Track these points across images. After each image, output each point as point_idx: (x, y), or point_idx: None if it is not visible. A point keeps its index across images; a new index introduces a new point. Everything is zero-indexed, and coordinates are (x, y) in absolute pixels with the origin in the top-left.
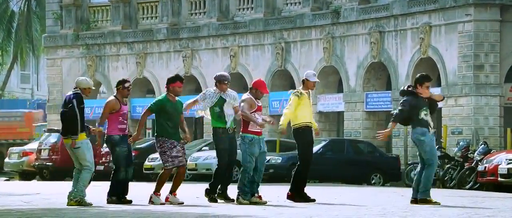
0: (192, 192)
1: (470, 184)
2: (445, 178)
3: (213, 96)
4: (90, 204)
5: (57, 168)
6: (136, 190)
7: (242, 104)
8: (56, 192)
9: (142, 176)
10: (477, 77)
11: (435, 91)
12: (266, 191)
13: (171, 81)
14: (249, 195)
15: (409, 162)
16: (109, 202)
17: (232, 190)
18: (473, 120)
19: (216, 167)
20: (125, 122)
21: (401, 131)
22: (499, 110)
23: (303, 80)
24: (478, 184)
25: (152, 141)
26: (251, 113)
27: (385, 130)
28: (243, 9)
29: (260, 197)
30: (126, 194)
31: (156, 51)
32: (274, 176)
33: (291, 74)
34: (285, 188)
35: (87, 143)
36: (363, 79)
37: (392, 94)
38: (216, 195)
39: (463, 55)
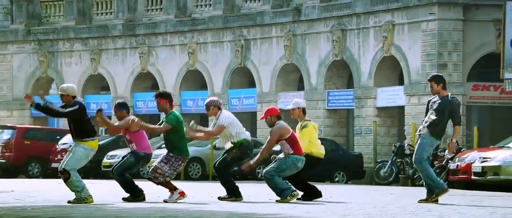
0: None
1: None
2: (415, 177)
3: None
4: (85, 199)
5: (11, 165)
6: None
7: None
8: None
9: (100, 174)
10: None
11: (398, 90)
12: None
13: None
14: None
15: (378, 160)
16: (124, 198)
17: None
18: None
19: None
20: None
21: (364, 129)
22: (462, 109)
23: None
24: (447, 182)
25: (110, 138)
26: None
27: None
28: (202, 6)
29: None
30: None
31: (111, 48)
32: (241, 173)
33: (251, 72)
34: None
35: (92, 150)
36: (325, 77)
37: (354, 92)
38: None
39: (427, 54)
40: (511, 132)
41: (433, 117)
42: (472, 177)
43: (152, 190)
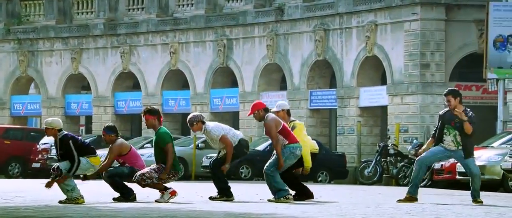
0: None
1: (425, 181)
2: (399, 176)
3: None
4: (76, 198)
5: None
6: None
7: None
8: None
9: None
10: (423, 75)
11: (381, 89)
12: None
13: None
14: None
15: (362, 160)
16: (114, 198)
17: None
18: (419, 118)
19: None
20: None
21: (346, 128)
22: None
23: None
24: (430, 182)
25: (91, 138)
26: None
27: None
28: (183, 5)
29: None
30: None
31: (92, 47)
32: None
33: (233, 71)
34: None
35: (86, 164)
36: (307, 77)
37: (337, 92)
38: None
39: (409, 54)
40: (492, 131)
41: (463, 136)
42: (457, 176)
43: (140, 191)
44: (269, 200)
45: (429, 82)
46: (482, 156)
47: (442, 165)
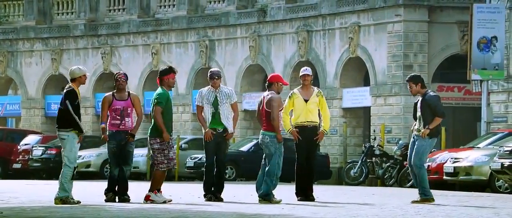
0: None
1: (411, 182)
2: (385, 177)
3: (209, 95)
4: (77, 202)
5: None
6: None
7: (272, 104)
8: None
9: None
10: (406, 77)
11: (364, 90)
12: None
13: (166, 73)
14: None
15: (348, 161)
16: (106, 199)
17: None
18: (402, 119)
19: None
20: (118, 117)
21: (329, 129)
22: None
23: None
24: (412, 182)
25: None
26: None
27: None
28: (165, 6)
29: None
30: (123, 192)
31: (72, 48)
32: (200, 173)
33: None
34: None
35: (74, 137)
36: (290, 78)
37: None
38: (210, 195)
39: (393, 55)
40: (473, 132)
41: (422, 120)
42: (444, 177)
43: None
44: (261, 200)
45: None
46: (469, 156)
47: (428, 165)
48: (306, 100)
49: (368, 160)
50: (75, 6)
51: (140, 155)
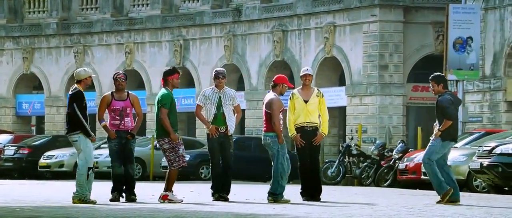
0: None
1: (388, 181)
2: (362, 176)
3: (213, 96)
4: (93, 202)
5: None
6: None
7: (273, 107)
8: None
9: (37, 175)
10: (382, 77)
11: (340, 90)
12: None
13: (170, 73)
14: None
15: (326, 160)
16: (111, 199)
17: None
18: (378, 119)
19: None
20: (118, 117)
21: None
22: (402, 109)
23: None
24: (390, 181)
25: (46, 138)
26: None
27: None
28: (139, 5)
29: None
30: (130, 191)
31: (44, 47)
32: (182, 173)
33: (190, 72)
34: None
35: (85, 137)
36: (265, 78)
37: None
38: (218, 194)
39: (368, 55)
40: None
41: (438, 121)
42: (422, 176)
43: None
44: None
45: (388, 83)
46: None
47: (406, 165)
48: (305, 101)
49: (345, 160)
50: (47, 4)
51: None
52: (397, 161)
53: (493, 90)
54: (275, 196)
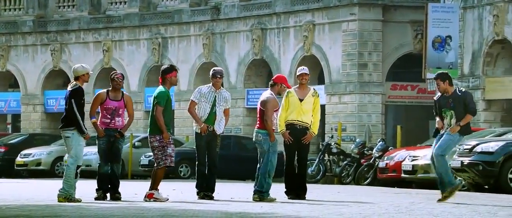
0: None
1: (368, 180)
2: (342, 175)
3: (209, 95)
4: (78, 200)
5: None
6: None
7: (267, 106)
8: None
9: (14, 173)
10: (361, 75)
11: (319, 89)
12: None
13: (168, 71)
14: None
15: None
16: (96, 198)
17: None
18: (357, 117)
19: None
20: (109, 116)
21: None
22: (381, 108)
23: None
24: (370, 180)
25: (23, 137)
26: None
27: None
28: (116, 3)
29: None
30: (115, 189)
31: (21, 44)
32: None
33: None
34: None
35: (78, 135)
36: (244, 76)
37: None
38: (203, 192)
39: (347, 54)
40: (425, 130)
41: (455, 116)
42: (402, 175)
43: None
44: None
45: (367, 82)
46: (427, 155)
47: (386, 163)
48: (301, 100)
49: (325, 158)
50: (23, 2)
51: (92, 153)
52: (377, 159)
53: (471, 89)
54: (262, 194)
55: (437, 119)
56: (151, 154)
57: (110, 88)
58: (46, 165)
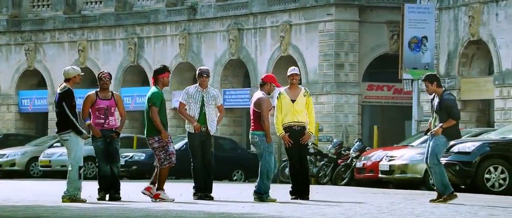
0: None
1: (346, 180)
2: (319, 175)
3: (196, 95)
4: (83, 200)
5: None
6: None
7: (262, 106)
8: None
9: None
10: (338, 75)
11: None
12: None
13: (160, 72)
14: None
15: (283, 159)
16: (98, 198)
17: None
18: (334, 118)
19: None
20: (102, 116)
21: None
22: (357, 108)
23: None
24: (347, 180)
25: None
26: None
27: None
28: (92, 2)
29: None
30: (115, 190)
31: None
32: (137, 172)
33: (144, 70)
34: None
35: (76, 136)
36: (221, 76)
37: (251, 91)
38: (202, 193)
39: (324, 54)
40: (401, 131)
41: (438, 119)
42: (379, 175)
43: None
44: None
45: (343, 82)
46: (404, 155)
47: (363, 163)
48: (293, 101)
49: None
50: None
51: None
52: (354, 160)
53: (447, 90)
54: (261, 195)
55: (430, 119)
56: (129, 154)
57: (98, 89)
58: (21, 166)
